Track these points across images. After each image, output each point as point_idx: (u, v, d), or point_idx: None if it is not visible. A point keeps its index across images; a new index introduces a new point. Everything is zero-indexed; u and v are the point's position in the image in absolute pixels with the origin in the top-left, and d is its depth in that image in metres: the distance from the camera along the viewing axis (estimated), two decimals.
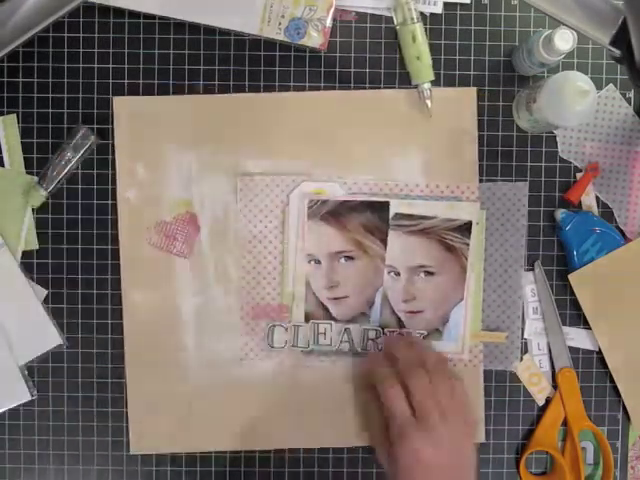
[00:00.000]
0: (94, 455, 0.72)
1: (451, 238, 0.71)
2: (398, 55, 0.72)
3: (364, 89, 0.72)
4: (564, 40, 0.62)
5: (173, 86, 0.71)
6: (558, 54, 0.64)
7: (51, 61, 0.71)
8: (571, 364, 0.72)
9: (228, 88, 0.71)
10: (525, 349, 0.73)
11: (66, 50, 0.71)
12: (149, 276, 0.71)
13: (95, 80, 0.71)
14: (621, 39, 0.52)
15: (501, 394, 0.73)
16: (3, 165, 0.71)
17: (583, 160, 0.72)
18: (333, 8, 0.69)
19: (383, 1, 0.71)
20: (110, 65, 0.71)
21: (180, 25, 0.71)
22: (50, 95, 0.71)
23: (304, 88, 0.72)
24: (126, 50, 0.71)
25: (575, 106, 0.62)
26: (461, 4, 0.72)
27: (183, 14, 0.70)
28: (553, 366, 0.72)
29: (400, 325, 0.71)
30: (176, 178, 0.71)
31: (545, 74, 0.72)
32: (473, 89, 0.71)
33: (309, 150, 0.71)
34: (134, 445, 0.72)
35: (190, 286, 0.71)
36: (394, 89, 0.72)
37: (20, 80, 0.71)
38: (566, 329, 0.73)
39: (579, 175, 0.72)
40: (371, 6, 0.71)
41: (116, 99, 0.71)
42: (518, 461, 0.73)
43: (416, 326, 0.71)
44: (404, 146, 0.71)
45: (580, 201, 0.72)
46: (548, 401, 0.73)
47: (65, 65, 0.71)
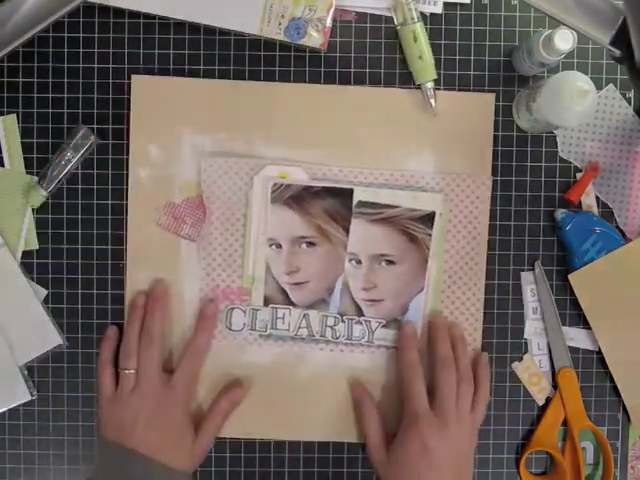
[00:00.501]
0: (94, 455, 0.72)
1: (414, 228, 0.71)
2: (398, 55, 0.72)
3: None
4: (564, 40, 0.62)
5: None
6: (558, 54, 0.64)
7: (51, 61, 0.71)
8: (571, 364, 0.72)
9: None
10: (525, 349, 0.73)
11: (66, 50, 0.71)
12: (155, 257, 0.71)
13: (95, 80, 0.71)
14: (621, 39, 0.52)
15: (501, 394, 0.73)
16: (3, 165, 0.71)
17: (583, 160, 0.72)
18: (333, 8, 0.69)
19: (383, 1, 0.71)
20: (110, 65, 0.71)
21: (180, 25, 0.71)
22: (50, 95, 0.71)
23: None
24: (126, 50, 0.71)
25: (575, 106, 0.62)
26: (461, 4, 0.72)
27: (183, 14, 0.70)
28: (553, 366, 0.72)
29: (359, 313, 0.72)
30: (189, 161, 0.71)
31: (545, 74, 0.72)
32: (491, 95, 0.72)
33: (324, 140, 0.71)
34: None
35: (195, 270, 0.71)
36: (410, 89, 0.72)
37: (20, 80, 0.71)
38: (566, 329, 0.73)
39: (579, 175, 0.72)
40: (371, 6, 0.71)
41: (134, 77, 0.71)
42: (518, 461, 0.73)
43: (375, 315, 0.72)
44: (420, 147, 0.72)
45: (580, 201, 0.72)
46: (548, 401, 0.73)
47: (65, 65, 0.71)
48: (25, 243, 0.72)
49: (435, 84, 0.70)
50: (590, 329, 0.72)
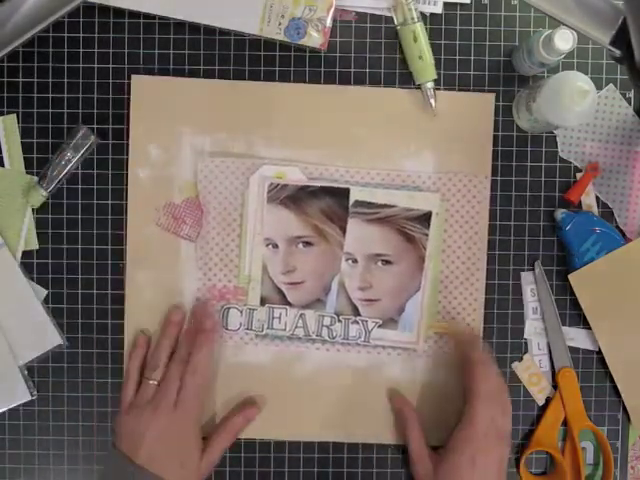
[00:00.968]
0: (94, 455, 0.72)
1: (410, 228, 0.71)
2: (398, 55, 0.72)
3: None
4: (564, 40, 0.62)
5: None
6: (558, 54, 0.64)
7: (51, 61, 0.71)
8: (571, 364, 0.72)
9: None
10: (525, 349, 0.73)
11: (66, 50, 0.71)
12: (154, 257, 0.71)
13: (95, 80, 0.71)
14: (621, 39, 0.52)
15: None
16: (3, 165, 0.71)
17: (583, 160, 0.72)
18: (333, 8, 0.69)
19: (383, 1, 0.71)
20: (110, 65, 0.71)
21: (180, 25, 0.71)
22: (50, 95, 0.71)
23: None
24: (126, 50, 0.71)
25: (575, 106, 0.62)
26: (461, 4, 0.72)
27: (183, 14, 0.70)
28: (553, 366, 0.72)
29: (355, 313, 0.72)
30: (189, 161, 0.71)
31: (545, 74, 0.72)
32: (491, 95, 0.72)
33: (324, 140, 0.71)
34: None
35: (194, 270, 0.71)
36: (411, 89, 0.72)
37: (20, 80, 0.71)
38: (566, 329, 0.73)
39: (579, 175, 0.72)
40: (371, 6, 0.71)
41: (134, 77, 0.71)
42: (518, 461, 0.73)
43: (372, 314, 0.72)
44: (420, 147, 0.71)
45: (580, 201, 0.72)
46: (548, 401, 0.73)
47: (65, 65, 0.71)
48: (25, 243, 0.72)
49: (435, 84, 0.70)
50: (590, 329, 0.72)
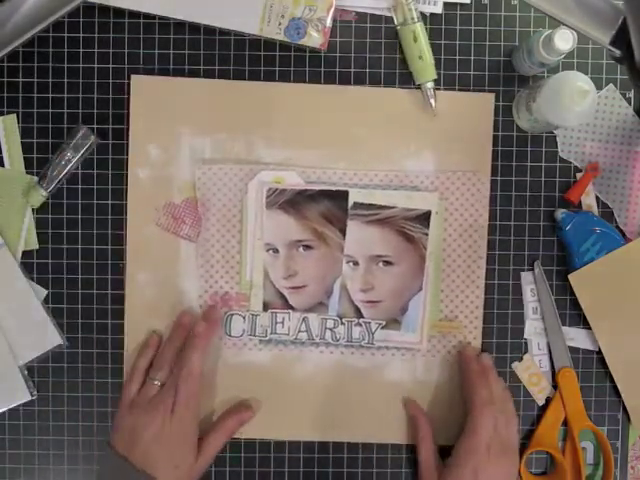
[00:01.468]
0: (94, 455, 0.72)
1: (410, 228, 0.71)
2: (398, 55, 0.72)
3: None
4: (564, 40, 0.62)
5: None
6: (558, 54, 0.64)
7: (51, 61, 0.71)
8: (571, 364, 0.72)
9: None
10: (525, 349, 0.73)
11: (66, 50, 0.71)
12: (154, 257, 0.71)
13: (95, 80, 0.71)
14: (621, 39, 0.52)
15: None
16: (3, 165, 0.71)
17: (583, 160, 0.72)
18: (333, 8, 0.69)
19: (383, 1, 0.71)
20: (110, 65, 0.71)
21: (180, 25, 0.71)
22: (50, 95, 0.71)
23: None
24: (126, 50, 0.71)
25: (575, 106, 0.62)
26: (461, 4, 0.72)
27: (183, 14, 0.70)
28: (553, 366, 0.72)
29: (358, 315, 0.72)
30: (188, 161, 0.71)
31: (545, 74, 0.72)
32: (490, 95, 0.72)
33: (325, 140, 0.71)
34: None
35: (194, 270, 0.71)
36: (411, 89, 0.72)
37: (20, 80, 0.71)
38: (566, 329, 0.73)
39: (579, 175, 0.72)
40: (371, 6, 0.71)
41: (134, 77, 0.71)
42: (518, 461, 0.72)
43: (374, 316, 0.72)
44: (420, 147, 0.72)
45: (580, 201, 0.72)
46: (548, 401, 0.73)
47: (65, 65, 0.71)
48: (25, 243, 0.72)
49: (435, 84, 0.70)
50: (590, 329, 0.72)
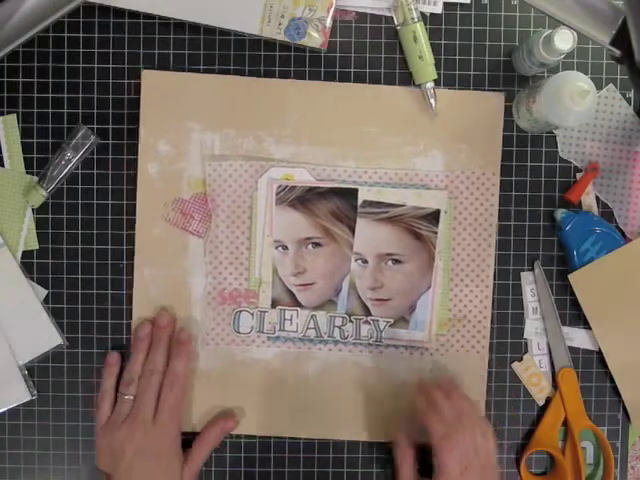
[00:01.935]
0: (94, 455, 0.72)
1: (419, 226, 0.71)
2: (398, 55, 0.72)
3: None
4: (564, 40, 0.62)
5: None
6: (558, 54, 0.64)
7: (51, 61, 0.71)
8: (571, 364, 0.72)
9: None
10: (525, 349, 0.73)
11: (66, 50, 0.71)
12: (162, 252, 0.71)
13: (95, 80, 0.71)
14: (621, 39, 0.52)
15: (501, 394, 0.73)
16: (3, 165, 0.71)
17: (583, 160, 0.72)
18: (333, 8, 0.69)
19: (383, 1, 0.71)
20: (110, 65, 0.71)
21: (180, 25, 0.71)
22: (50, 95, 0.71)
23: None
24: (126, 50, 0.71)
25: (575, 106, 0.62)
26: (461, 4, 0.72)
27: (183, 14, 0.70)
28: (553, 366, 0.73)
29: (367, 313, 0.72)
30: (197, 157, 0.71)
31: (545, 74, 0.72)
32: (501, 94, 0.72)
33: (335, 137, 0.71)
34: None
35: (202, 266, 0.71)
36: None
37: (20, 80, 0.71)
38: (566, 329, 0.73)
39: (579, 175, 0.72)
40: (371, 6, 0.71)
41: (144, 72, 0.71)
42: (518, 461, 0.73)
43: (383, 314, 0.72)
44: (430, 145, 0.72)
45: (580, 201, 0.72)
46: (548, 401, 0.73)
47: (65, 65, 0.71)
48: (25, 243, 0.72)
49: (435, 84, 0.70)
50: (590, 329, 0.72)
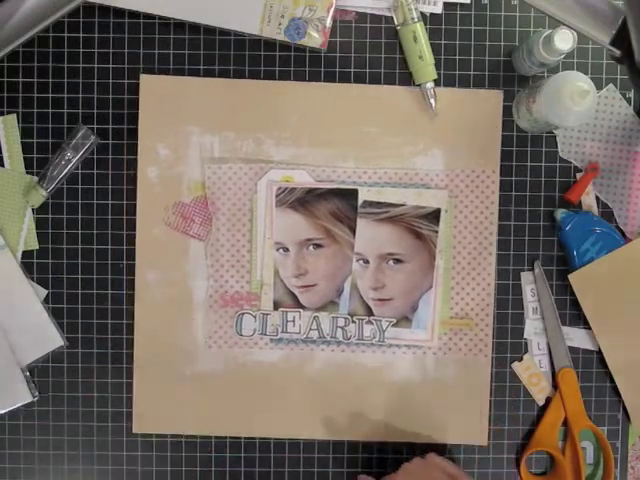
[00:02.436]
0: (94, 455, 0.72)
1: (420, 225, 0.71)
2: (398, 55, 0.72)
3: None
4: (564, 40, 0.62)
5: None
6: (558, 54, 0.64)
7: (51, 61, 0.71)
8: (571, 364, 0.72)
9: None
10: (525, 349, 0.73)
11: (66, 50, 0.71)
12: (163, 256, 0.71)
13: (95, 80, 0.71)
14: (621, 39, 0.52)
15: (501, 394, 0.73)
16: (3, 165, 0.71)
17: (583, 160, 0.72)
18: (333, 8, 0.69)
19: (383, 1, 0.71)
20: (110, 65, 0.71)
21: (180, 25, 0.71)
22: (50, 95, 0.71)
23: None
24: (126, 50, 0.71)
25: (575, 106, 0.62)
26: (461, 4, 0.72)
27: (183, 14, 0.70)
28: (553, 366, 0.73)
29: (369, 313, 0.72)
30: (197, 160, 0.71)
31: (545, 74, 0.72)
32: (500, 92, 0.72)
33: (335, 138, 0.71)
34: (136, 425, 0.72)
35: (203, 269, 0.72)
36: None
37: (20, 80, 0.71)
38: (566, 329, 0.73)
39: (579, 175, 0.72)
40: (371, 6, 0.71)
41: (143, 76, 0.71)
42: (518, 461, 0.73)
43: (385, 314, 0.72)
44: (429, 145, 0.72)
45: (580, 201, 0.72)
46: (548, 401, 0.73)
47: (65, 65, 0.71)
48: (25, 243, 0.72)
49: (435, 84, 0.70)
50: (590, 329, 0.72)
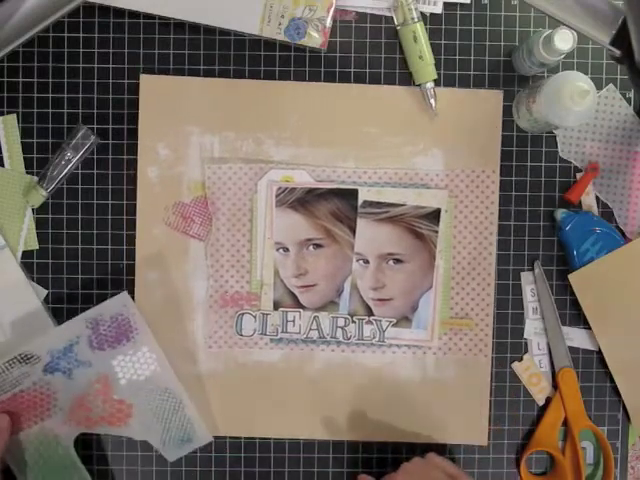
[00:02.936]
0: (94, 455, 0.72)
1: (420, 225, 0.71)
2: (398, 55, 0.72)
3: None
4: (564, 40, 0.62)
5: None
6: (558, 54, 0.64)
7: (51, 61, 0.71)
8: (571, 364, 0.72)
9: None
10: (525, 349, 0.73)
11: (66, 50, 0.71)
12: (163, 256, 0.71)
13: (95, 80, 0.71)
14: (621, 39, 0.52)
15: (501, 394, 0.73)
16: (3, 165, 0.71)
17: (583, 160, 0.72)
18: (333, 8, 0.69)
19: (383, 1, 0.71)
20: (110, 65, 0.71)
21: (180, 25, 0.71)
22: (50, 95, 0.71)
23: None
24: (126, 50, 0.71)
25: (575, 106, 0.62)
26: (461, 4, 0.72)
27: (183, 14, 0.70)
28: (553, 366, 0.73)
29: (369, 313, 0.72)
30: (197, 161, 0.71)
31: (545, 74, 0.72)
32: (499, 92, 0.72)
33: (335, 138, 0.71)
34: None
35: (203, 269, 0.72)
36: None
37: (20, 80, 0.71)
38: (566, 329, 0.73)
39: (579, 175, 0.72)
40: (371, 6, 0.71)
41: (143, 77, 0.71)
42: (519, 461, 0.73)
43: (385, 314, 0.72)
44: (429, 145, 0.72)
45: (580, 201, 0.72)
46: (548, 401, 0.73)
47: (65, 65, 0.71)
48: (25, 243, 0.72)
49: (435, 84, 0.70)
50: (590, 329, 0.72)
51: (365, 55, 0.72)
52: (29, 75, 0.71)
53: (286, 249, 0.71)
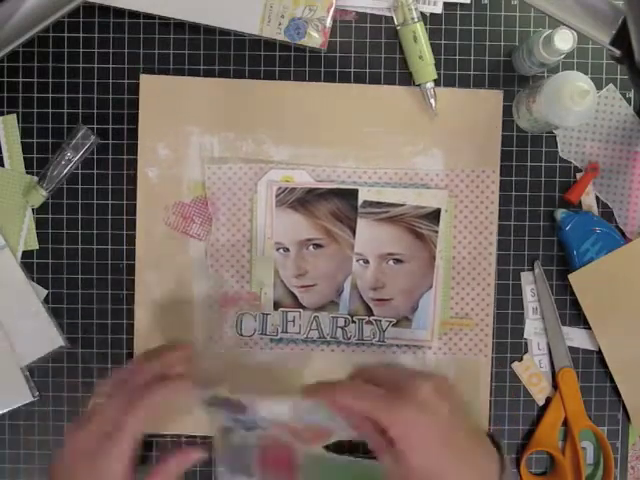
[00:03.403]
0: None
1: (420, 225, 0.71)
2: (398, 55, 0.72)
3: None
4: (564, 40, 0.62)
5: None
6: (558, 54, 0.64)
7: (51, 61, 0.71)
8: (571, 364, 0.72)
9: None
10: (525, 349, 0.73)
11: (66, 50, 0.71)
12: (163, 256, 0.71)
13: (95, 80, 0.71)
14: (621, 39, 0.52)
15: (501, 394, 0.73)
16: (3, 165, 0.71)
17: (583, 160, 0.72)
18: (333, 8, 0.69)
19: (383, 1, 0.71)
20: (110, 65, 0.71)
21: (180, 25, 0.71)
22: (50, 95, 0.71)
23: None
24: (126, 50, 0.71)
25: (575, 106, 0.62)
26: (461, 4, 0.72)
27: (183, 14, 0.70)
28: (553, 366, 0.73)
29: (369, 313, 0.72)
30: (197, 161, 0.71)
31: (545, 74, 0.72)
32: (499, 92, 0.72)
33: (335, 138, 0.71)
34: None
35: (203, 269, 0.72)
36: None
37: (20, 80, 0.71)
38: (566, 329, 0.73)
39: (579, 175, 0.72)
40: (371, 6, 0.71)
41: (143, 77, 0.71)
42: (518, 461, 0.72)
43: (385, 314, 0.72)
44: (429, 145, 0.72)
45: (580, 201, 0.72)
46: (548, 401, 0.73)
47: (65, 65, 0.71)
48: (25, 243, 0.72)
49: (435, 84, 0.70)
50: (590, 329, 0.72)
51: (365, 55, 0.72)
52: (29, 75, 0.71)
53: (286, 249, 0.71)
